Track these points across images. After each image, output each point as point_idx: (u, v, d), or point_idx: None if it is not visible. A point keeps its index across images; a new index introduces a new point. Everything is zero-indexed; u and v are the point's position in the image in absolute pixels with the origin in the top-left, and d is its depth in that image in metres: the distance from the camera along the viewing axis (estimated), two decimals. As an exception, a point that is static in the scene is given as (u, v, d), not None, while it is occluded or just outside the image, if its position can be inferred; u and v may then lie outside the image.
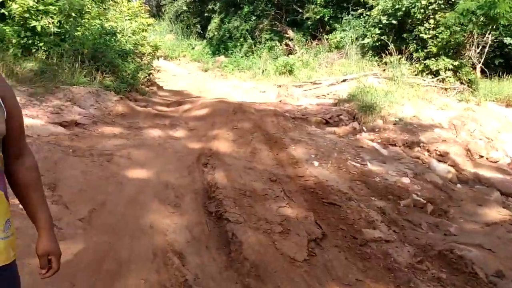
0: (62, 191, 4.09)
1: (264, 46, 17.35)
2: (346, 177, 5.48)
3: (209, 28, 20.11)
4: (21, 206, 3.64)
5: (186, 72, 17.70)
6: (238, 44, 18.34)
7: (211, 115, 8.09)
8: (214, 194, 4.50)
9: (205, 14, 20.58)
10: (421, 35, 11.98)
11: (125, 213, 3.92)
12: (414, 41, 12.44)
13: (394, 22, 12.70)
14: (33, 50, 8.97)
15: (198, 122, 7.81)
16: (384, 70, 12.58)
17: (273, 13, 17.68)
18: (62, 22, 9.45)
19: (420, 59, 12.12)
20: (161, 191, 4.49)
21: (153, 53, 12.76)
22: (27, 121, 5.84)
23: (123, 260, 3.18)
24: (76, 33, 9.61)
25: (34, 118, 6.12)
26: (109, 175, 4.67)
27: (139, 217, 3.87)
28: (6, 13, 8.83)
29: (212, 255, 3.51)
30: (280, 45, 16.98)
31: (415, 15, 12.02)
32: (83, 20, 10.33)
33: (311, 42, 16.42)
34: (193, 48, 20.95)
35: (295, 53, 16.17)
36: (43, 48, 8.96)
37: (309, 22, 16.41)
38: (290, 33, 17.00)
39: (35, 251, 3.04)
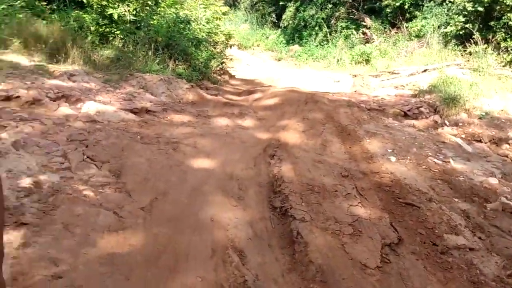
0: (126, 179, 4.03)
1: (340, 34, 16.82)
2: (426, 175, 5.01)
3: (283, 17, 19.84)
4: (85, 192, 3.63)
5: (259, 61, 17.58)
6: (313, 33, 17.93)
7: (281, 105, 7.84)
8: (279, 188, 4.25)
9: (280, 3, 20.28)
10: (510, 23, 10.93)
11: (186, 204, 3.78)
12: (503, 30, 11.38)
13: (480, 9, 11.70)
14: (110, 38, 9.18)
15: (267, 111, 7.60)
16: (468, 60, 11.67)
17: (350, 0, 17.03)
18: (138, 10, 9.61)
19: (509, 49, 11.09)
20: (225, 183, 4.31)
21: (226, 42, 12.71)
22: (99, 107, 5.92)
23: (181, 255, 3.03)
24: (151, 21, 9.74)
25: (107, 104, 6.19)
26: (173, 164, 4.57)
27: (200, 209, 3.71)
28: (85, 0, 9.09)
29: (275, 254, 3.27)
30: (357, 33, 16.36)
31: (504, 1, 10.97)
32: (159, 9, 10.46)
33: (390, 31, 15.63)
34: (267, 38, 20.83)
35: (373, 42, 15.51)
36: (119, 36, 9.14)
37: (388, 10, 15.60)
38: (368, 21, 16.30)
39: (93, 241, 2.99)
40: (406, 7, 14.93)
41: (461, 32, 12.42)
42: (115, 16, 8.97)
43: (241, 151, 5.37)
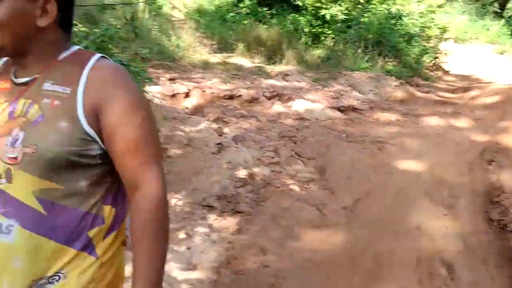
0: (329, 176, 4.12)
1: None
2: None
3: (508, 6, 17.65)
4: (291, 187, 3.83)
5: (478, 55, 16.00)
6: (548, 21, 15.56)
7: (502, 104, 6.98)
8: (498, 199, 3.80)
9: (508, -11, 18.18)
10: None
11: (390, 207, 3.67)
12: None
13: None
14: (322, 38, 9.50)
15: (486, 111, 6.85)
16: None
17: None
18: (349, 9, 9.70)
19: None
20: (434, 188, 4.04)
21: (440, 36, 11.94)
22: (308, 105, 6.18)
23: (383, 261, 2.94)
24: (362, 19, 9.73)
25: (315, 103, 6.42)
26: (377, 164, 4.49)
27: (405, 215, 3.55)
28: (300, 3, 9.56)
29: (490, 272, 2.93)
30: None
31: None
32: (370, 6, 10.36)
33: None
34: (488, 29, 18.89)
35: None
36: (330, 35, 9.41)
37: None
38: None
39: (297, 235, 3.14)
40: None
41: None
42: (328, 17, 9.23)
43: (454, 154, 4.96)
